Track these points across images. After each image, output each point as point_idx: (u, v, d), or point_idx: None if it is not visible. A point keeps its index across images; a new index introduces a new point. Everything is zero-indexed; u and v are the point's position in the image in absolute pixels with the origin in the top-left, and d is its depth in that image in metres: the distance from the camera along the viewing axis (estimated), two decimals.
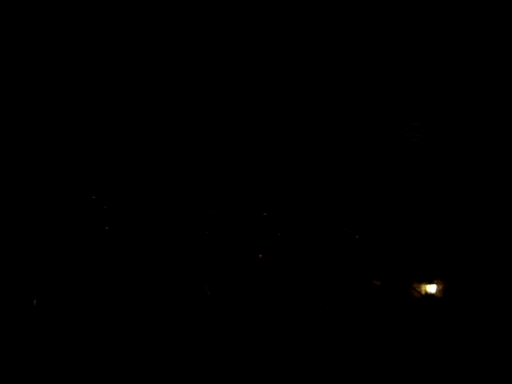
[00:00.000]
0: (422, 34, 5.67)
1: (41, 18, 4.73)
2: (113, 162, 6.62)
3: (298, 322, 6.18)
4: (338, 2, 4.99)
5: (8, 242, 5.70)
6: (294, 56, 5.71)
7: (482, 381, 5.39)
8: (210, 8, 5.00)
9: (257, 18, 5.13)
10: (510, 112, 6.18)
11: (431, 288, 6.48)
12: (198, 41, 5.32)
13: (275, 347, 5.77)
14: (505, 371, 5.41)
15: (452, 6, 5.08)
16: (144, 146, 6.66)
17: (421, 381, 5.55)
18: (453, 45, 5.79)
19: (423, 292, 6.56)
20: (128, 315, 5.77)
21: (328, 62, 5.97)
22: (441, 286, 6.50)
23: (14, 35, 4.76)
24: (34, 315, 5.03)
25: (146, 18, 5.01)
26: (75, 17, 4.90)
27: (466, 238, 6.52)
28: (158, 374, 4.20)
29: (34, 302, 5.22)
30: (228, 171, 6.78)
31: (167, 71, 5.82)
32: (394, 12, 5.36)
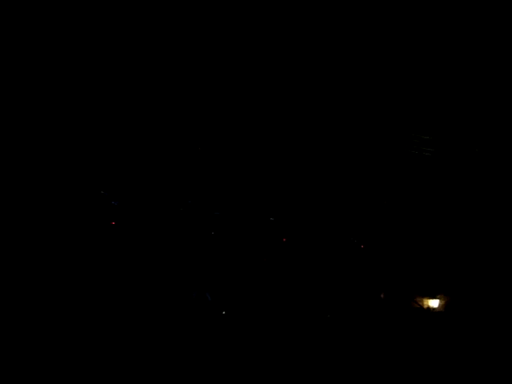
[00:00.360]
0: (437, 47, 5.68)
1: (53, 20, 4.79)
2: (123, 158, 6.67)
3: (298, 327, 6.18)
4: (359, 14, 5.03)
5: (12, 237, 5.73)
6: (312, 80, 5.77)
7: None
8: (210, 8, 5.03)
9: (257, 18, 5.15)
10: None
11: (434, 303, 6.45)
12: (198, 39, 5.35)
13: (274, 351, 5.76)
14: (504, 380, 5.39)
15: (473, 21, 5.09)
16: (154, 145, 6.70)
17: None
18: (467, 59, 5.80)
19: (425, 306, 6.54)
20: (131, 313, 5.79)
21: (341, 76, 6.00)
22: (443, 301, 6.47)
23: (15, 35, 4.82)
24: (35, 309, 5.05)
25: (147, 17, 5.05)
26: (77, 17, 4.96)
27: (471, 254, 6.50)
28: (160, 374, 4.21)
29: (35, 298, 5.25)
30: (238, 174, 6.81)
31: (176, 71, 5.86)
32: (410, 23, 5.38)
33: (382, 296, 5.96)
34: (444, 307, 6.47)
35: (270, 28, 5.23)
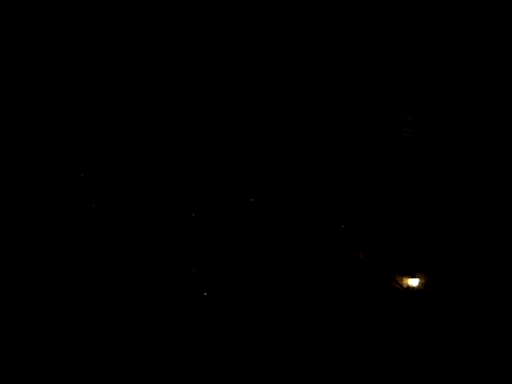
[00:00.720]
0: (414, 30, 5.66)
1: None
2: (105, 139, 6.56)
3: (278, 306, 6.21)
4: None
5: None
6: (284, 47, 5.68)
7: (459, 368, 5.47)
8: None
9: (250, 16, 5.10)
10: (501, 111, 6.21)
11: (413, 281, 6.51)
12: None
13: (256, 329, 5.79)
14: (482, 359, 5.49)
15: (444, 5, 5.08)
16: (137, 127, 6.60)
17: (397, 368, 5.62)
18: (448, 44, 5.79)
19: (405, 285, 6.61)
20: (116, 290, 5.75)
21: (321, 56, 5.94)
22: (423, 280, 6.54)
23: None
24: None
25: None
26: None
27: (451, 234, 6.56)
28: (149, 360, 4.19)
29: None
30: (219, 156, 6.75)
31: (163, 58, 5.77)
32: (392, 10, 5.35)
33: (360, 256, 5.92)
34: (423, 286, 6.55)
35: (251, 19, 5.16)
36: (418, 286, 6.53)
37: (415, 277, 6.50)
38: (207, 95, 6.26)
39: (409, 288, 6.56)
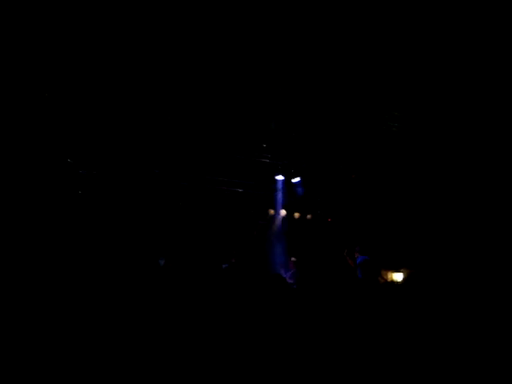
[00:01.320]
0: (401, 24, 5.67)
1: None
2: (92, 124, 6.55)
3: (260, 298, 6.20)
4: None
5: None
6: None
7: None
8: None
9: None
10: (491, 107, 6.22)
11: (397, 276, 6.53)
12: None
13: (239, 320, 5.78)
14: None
15: None
16: (124, 112, 6.60)
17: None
18: (437, 36, 5.80)
19: (389, 279, 6.61)
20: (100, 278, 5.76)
21: (309, 51, 5.95)
22: (407, 275, 6.55)
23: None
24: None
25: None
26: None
27: (435, 228, 6.56)
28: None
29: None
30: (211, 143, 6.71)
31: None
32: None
33: (344, 253, 5.90)
34: (407, 280, 6.55)
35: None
36: (402, 280, 6.53)
37: (399, 271, 6.52)
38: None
39: (393, 282, 6.56)
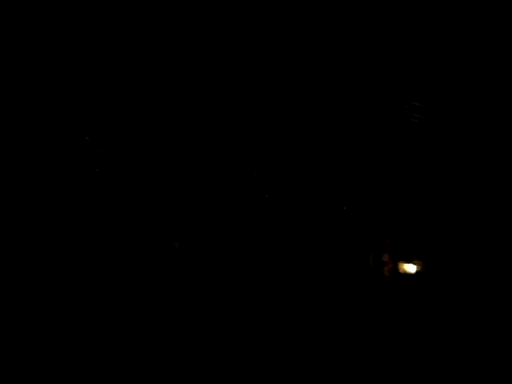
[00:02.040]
0: (422, 15, 5.60)
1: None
2: (111, 103, 6.60)
3: (268, 291, 6.22)
4: None
5: None
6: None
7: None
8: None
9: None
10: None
11: (410, 267, 6.48)
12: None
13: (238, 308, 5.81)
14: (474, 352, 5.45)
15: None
16: (146, 96, 6.63)
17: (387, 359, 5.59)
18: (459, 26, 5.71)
19: (401, 271, 6.57)
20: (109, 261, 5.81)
21: (328, 41, 5.90)
22: (420, 267, 6.49)
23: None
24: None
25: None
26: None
27: (452, 221, 6.50)
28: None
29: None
30: (223, 126, 6.76)
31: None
32: None
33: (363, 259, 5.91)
34: (421, 272, 6.50)
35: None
36: (415, 272, 6.49)
37: (412, 262, 6.46)
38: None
39: (405, 274, 6.52)
